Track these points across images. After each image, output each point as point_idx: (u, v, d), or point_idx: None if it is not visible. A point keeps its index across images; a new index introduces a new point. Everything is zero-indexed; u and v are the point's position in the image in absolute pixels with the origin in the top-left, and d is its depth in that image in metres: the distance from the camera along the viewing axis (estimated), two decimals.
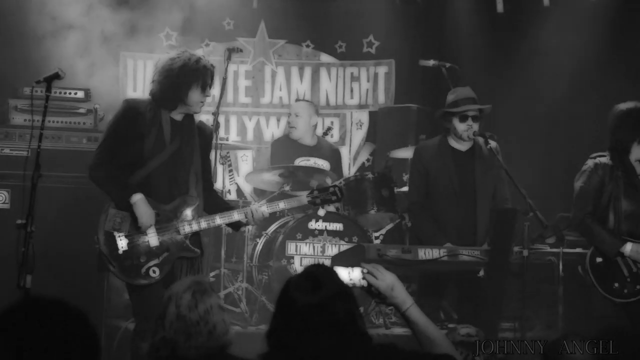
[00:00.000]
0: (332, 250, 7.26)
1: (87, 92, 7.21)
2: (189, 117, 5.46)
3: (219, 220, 5.44)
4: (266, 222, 7.41)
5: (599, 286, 6.03)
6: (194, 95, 5.32)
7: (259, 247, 7.45)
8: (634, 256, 5.98)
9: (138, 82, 8.97)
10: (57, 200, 6.50)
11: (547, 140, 8.54)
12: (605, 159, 6.12)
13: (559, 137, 8.50)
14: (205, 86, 5.35)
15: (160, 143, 5.31)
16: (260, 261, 7.37)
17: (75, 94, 7.14)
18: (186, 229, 5.33)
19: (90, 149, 6.64)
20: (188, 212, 5.36)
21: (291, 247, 7.24)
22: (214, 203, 5.61)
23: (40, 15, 7.70)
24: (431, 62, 7.46)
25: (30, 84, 5.65)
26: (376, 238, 7.88)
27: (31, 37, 7.74)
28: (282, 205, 5.65)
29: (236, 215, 5.46)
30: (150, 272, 5.21)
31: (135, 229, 5.24)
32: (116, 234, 5.22)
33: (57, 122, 6.95)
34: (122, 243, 5.22)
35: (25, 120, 6.80)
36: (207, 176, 5.64)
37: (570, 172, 7.95)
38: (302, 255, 7.24)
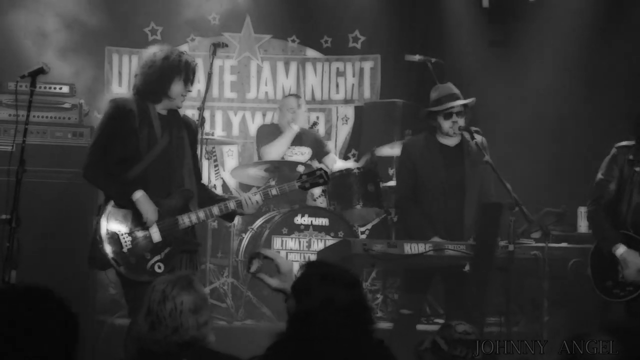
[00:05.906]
0: (318, 245, 7.25)
1: (72, 87, 7.18)
2: (174, 112, 5.43)
3: (216, 210, 5.36)
4: (252, 217, 7.41)
5: (594, 281, 5.90)
6: (176, 87, 5.28)
7: (245, 242, 7.44)
8: (622, 261, 5.78)
9: (123, 77, 8.93)
10: (42, 195, 6.47)
11: (532, 134, 8.55)
12: (626, 150, 5.91)
13: (545, 131, 8.51)
14: (188, 79, 5.33)
15: (152, 138, 5.27)
16: (246, 256, 7.36)
17: (60, 88, 7.10)
18: (186, 222, 5.27)
19: (76, 144, 6.64)
20: (186, 206, 5.31)
21: (277, 242, 7.24)
22: (207, 196, 5.55)
23: (25, 9, 7.66)
24: (417, 57, 7.45)
25: (15, 79, 5.61)
26: (362, 233, 7.88)
27: (15, 30, 7.70)
28: (274, 191, 5.49)
29: (232, 205, 5.37)
30: (156, 268, 5.14)
31: (136, 226, 5.18)
32: (119, 232, 5.14)
33: (42, 117, 6.92)
34: (126, 241, 5.14)
35: (9, 115, 6.75)
36: (197, 170, 5.60)
37: (555, 167, 7.96)
38: (288, 250, 7.24)
